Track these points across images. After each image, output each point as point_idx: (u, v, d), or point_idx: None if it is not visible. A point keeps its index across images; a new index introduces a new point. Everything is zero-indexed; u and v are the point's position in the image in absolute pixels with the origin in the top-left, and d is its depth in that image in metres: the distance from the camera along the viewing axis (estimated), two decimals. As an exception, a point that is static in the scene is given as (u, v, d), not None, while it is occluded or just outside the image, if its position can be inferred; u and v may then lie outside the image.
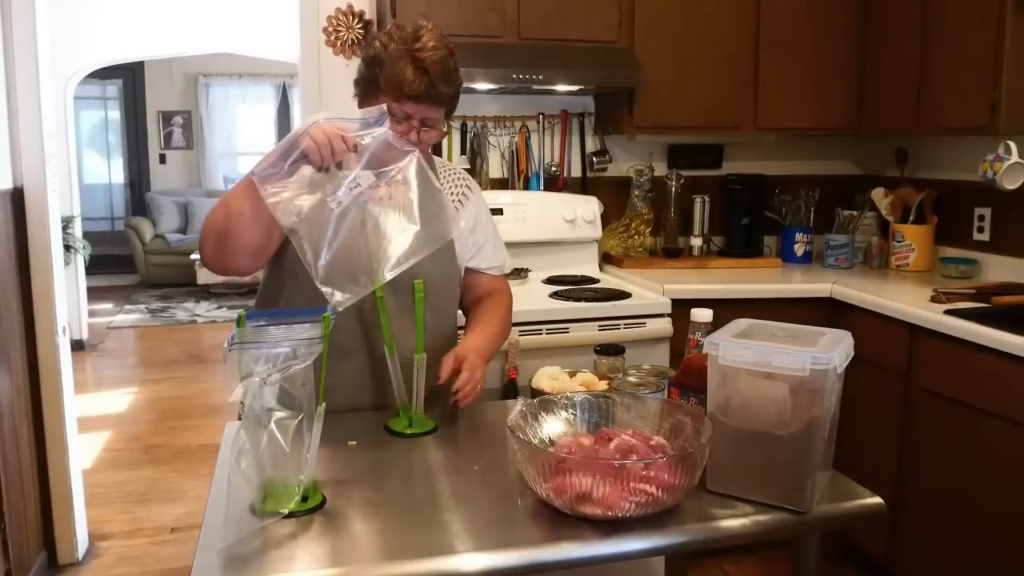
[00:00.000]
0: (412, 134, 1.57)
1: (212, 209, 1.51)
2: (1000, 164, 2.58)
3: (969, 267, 2.92)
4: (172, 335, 6.75)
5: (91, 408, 4.73)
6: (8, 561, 2.50)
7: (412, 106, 1.55)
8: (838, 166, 3.60)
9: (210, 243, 1.49)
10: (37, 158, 2.70)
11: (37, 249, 2.73)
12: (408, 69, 1.53)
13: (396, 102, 1.55)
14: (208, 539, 1.09)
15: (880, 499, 1.26)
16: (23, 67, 2.65)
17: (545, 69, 2.80)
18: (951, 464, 2.32)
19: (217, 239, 1.47)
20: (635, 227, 3.20)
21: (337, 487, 1.26)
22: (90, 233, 7.10)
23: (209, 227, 1.48)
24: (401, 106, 1.55)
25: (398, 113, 1.55)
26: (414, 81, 1.53)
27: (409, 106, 1.55)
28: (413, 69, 1.53)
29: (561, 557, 1.09)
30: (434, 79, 1.53)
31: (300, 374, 1.13)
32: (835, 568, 2.79)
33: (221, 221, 1.46)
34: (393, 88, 1.54)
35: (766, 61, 3.09)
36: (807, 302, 2.81)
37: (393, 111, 1.55)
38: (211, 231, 1.48)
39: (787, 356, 1.15)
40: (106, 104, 9.62)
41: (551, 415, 1.31)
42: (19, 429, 2.65)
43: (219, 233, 1.47)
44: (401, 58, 1.54)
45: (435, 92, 1.54)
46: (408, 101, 1.55)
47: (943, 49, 2.72)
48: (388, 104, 1.54)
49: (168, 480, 3.77)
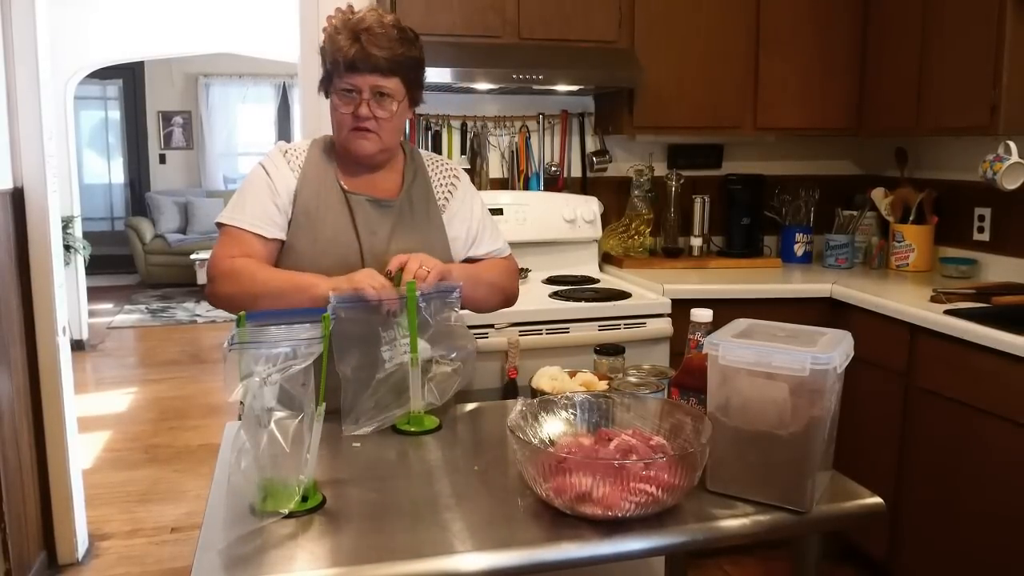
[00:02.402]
0: (363, 107, 1.57)
1: (233, 274, 1.56)
2: (1000, 164, 2.58)
3: (969, 267, 2.92)
4: (172, 335, 6.75)
5: (91, 408, 4.73)
6: (8, 561, 2.50)
7: (353, 77, 1.56)
8: (838, 166, 3.60)
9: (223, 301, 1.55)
10: (37, 158, 2.70)
11: (37, 249, 2.73)
12: (343, 39, 1.54)
13: (339, 77, 1.56)
14: (208, 539, 1.09)
15: (880, 499, 1.26)
16: (23, 67, 2.65)
17: (545, 69, 2.80)
18: (951, 464, 2.32)
19: (241, 302, 1.50)
20: (635, 227, 3.20)
21: (337, 487, 1.26)
22: (90, 233, 7.09)
23: (232, 295, 1.53)
24: (343, 80, 1.56)
25: (345, 87, 1.57)
26: (348, 48, 1.53)
27: (351, 77, 1.56)
28: (347, 38, 1.54)
29: (561, 557, 1.09)
30: (366, 43, 1.53)
31: (300, 374, 1.13)
32: (835, 568, 2.79)
33: (248, 304, 1.48)
34: (334, 64, 1.57)
35: (766, 61, 3.09)
36: (807, 302, 2.81)
37: (340, 88, 1.57)
38: (233, 300, 1.52)
39: (787, 356, 1.15)
40: (106, 104, 9.62)
41: (551, 415, 1.31)
42: (19, 429, 2.65)
43: (244, 303, 1.50)
44: (338, 33, 1.56)
45: (369, 56, 1.54)
46: (347, 72, 1.55)
47: (943, 49, 2.72)
48: (336, 83, 1.57)
49: (168, 480, 3.77)
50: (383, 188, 1.69)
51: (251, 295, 1.51)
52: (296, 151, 1.68)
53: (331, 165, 1.67)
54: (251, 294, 1.51)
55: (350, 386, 1.44)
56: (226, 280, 1.56)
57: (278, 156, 1.67)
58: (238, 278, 1.55)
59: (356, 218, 1.64)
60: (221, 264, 1.58)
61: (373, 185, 1.68)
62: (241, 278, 1.54)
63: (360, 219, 1.64)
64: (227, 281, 1.55)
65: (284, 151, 1.68)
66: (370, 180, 1.68)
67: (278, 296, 1.50)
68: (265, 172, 1.65)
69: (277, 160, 1.66)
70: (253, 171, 1.67)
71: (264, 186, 1.63)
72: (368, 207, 1.65)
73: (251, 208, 1.62)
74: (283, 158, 1.66)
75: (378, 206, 1.66)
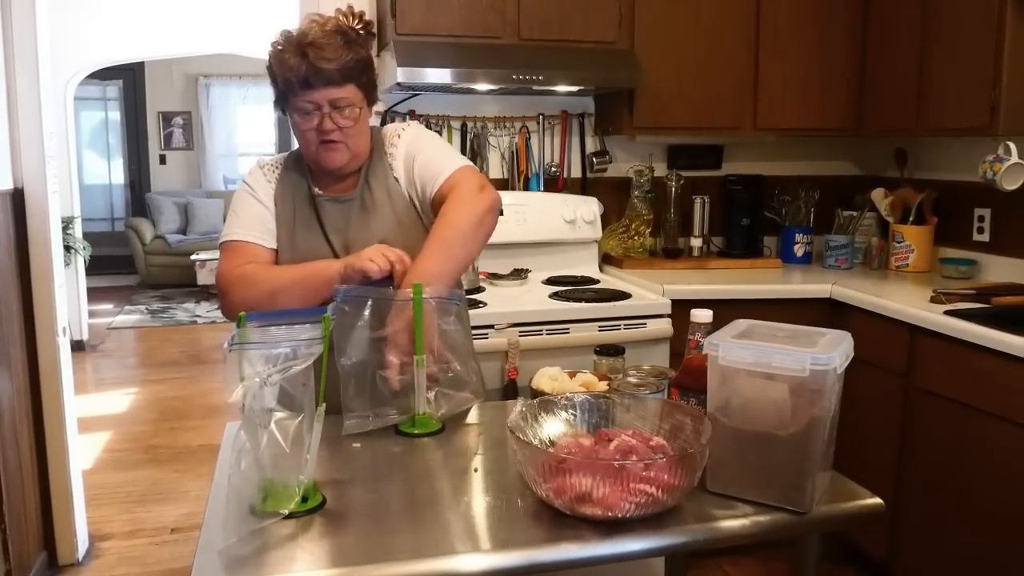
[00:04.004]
0: (326, 121, 1.57)
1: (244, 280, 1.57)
2: (1000, 165, 2.58)
3: (969, 268, 2.92)
4: (172, 336, 6.75)
5: (91, 408, 4.73)
6: (8, 561, 2.50)
7: (309, 93, 1.55)
8: (838, 166, 3.60)
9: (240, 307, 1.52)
10: (37, 159, 2.70)
11: (37, 250, 2.73)
12: (291, 58, 1.54)
13: (295, 96, 1.56)
14: (208, 539, 1.09)
15: (880, 499, 1.26)
16: (23, 68, 2.65)
17: (545, 70, 2.80)
18: (951, 464, 2.32)
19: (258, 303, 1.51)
20: (635, 228, 3.20)
21: (337, 487, 1.26)
22: (90, 234, 7.10)
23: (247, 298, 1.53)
24: (299, 99, 1.56)
25: (304, 107, 1.56)
26: (298, 67, 1.53)
27: (306, 94, 1.55)
28: (295, 56, 1.54)
29: (561, 557, 1.09)
30: (314, 59, 1.53)
31: (300, 374, 1.13)
32: (835, 568, 2.79)
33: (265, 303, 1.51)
34: (286, 84, 1.56)
35: (766, 61, 3.09)
36: (807, 302, 2.81)
37: (299, 107, 1.57)
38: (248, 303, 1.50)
39: (787, 357, 1.15)
40: (106, 105, 9.63)
41: (551, 415, 1.31)
42: (19, 429, 2.65)
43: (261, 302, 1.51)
44: (284, 51, 1.56)
45: (320, 72, 1.53)
46: (302, 90, 1.55)
47: (943, 50, 2.72)
48: (293, 103, 1.56)
49: (168, 480, 3.77)
50: (348, 185, 1.71)
51: (267, 293, 1.53)
52: (272, 165, 1.73)
53: (303, 174, 1.71)
54: (267, 292, 1.53)
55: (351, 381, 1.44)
56: (239, 286, 1.57)
57: (257, 172, 1.72)
58: (252, 281, 1.57)
59: (323, 219, 1.67)
60: (230, 274, 1.59)
61: (347, 187, 1.70)
62: (255, 280, 1.57)
63: (326, 219, 1.67)
64: (240, 287, 1.57)
65: (261, 166, 1.73)
66: (340, 182, 1.71)
67: (293, 286, 1.52)
68: (249, 188, 1.70)
69: (256, 176, 1.71)
70: (239, 190, 1.72)
71: (252, 201, 1.68)
72: (330, 206, 1.68)
73: (246, 222, 1.66)
74: (261, 173, 1.72)
75: (338, 203, 1.68)
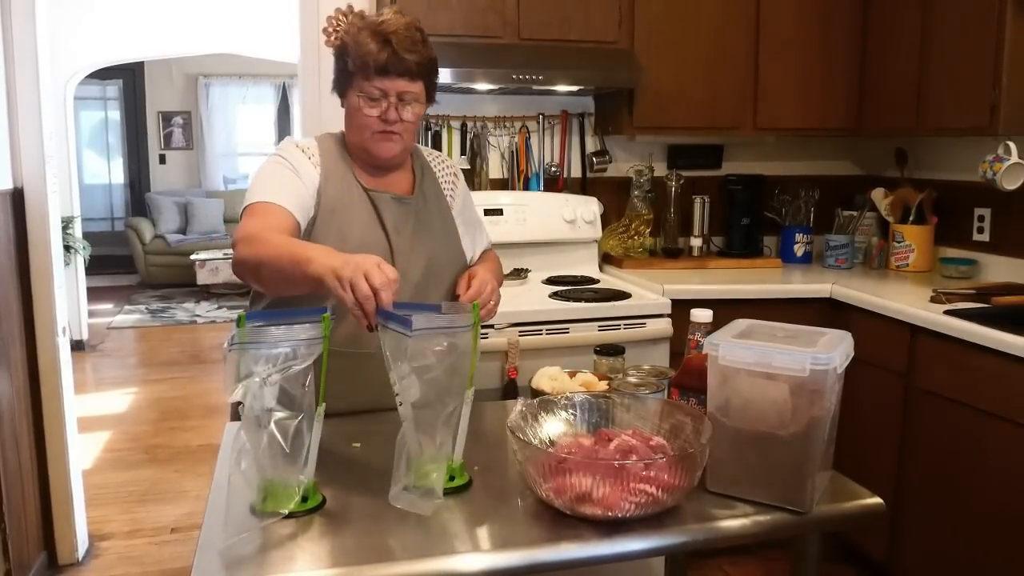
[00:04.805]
0: (391, 111, 1.57)
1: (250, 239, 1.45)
2: (1000, 165, 2.58)
3: (969, 267, 2.92)
4: (172, 335, 6.75)
5: (91, 408, 4.73)
6: (8, 561, 2.50)
7: (383, 81, 1.55)
8: (838, 166, 3.60)
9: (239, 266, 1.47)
10: (37, 158, 2.70)
11: (37, 250, 2.72)
12: (371, 42, 1.53)
13: (367, 80, 1.55)
14: (208, 539, 1.09)
15: (880, 499, 1.26)
16: (23, 68, 2.65)
17: (545, 69, 2.80)
18: (951, 464, 2.31)
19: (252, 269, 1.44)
20: (635, 227, 3.19)
21: (337, 487, 1.26)
22: (90, 233, 7.09)
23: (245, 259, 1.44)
24: (371, 83, 1.55)
25: (372, 92, 1.56)
26: (379, 52, 1.53)
27: (380, 81, 1.55)
28: (376, 42, 1.53)
29: (561, 557, 1.09)
30: (397, 48, 1.53)
31: (300, 374, 1.13)
32: (835, 568, 2.79)
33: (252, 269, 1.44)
34: (361, 67, 1.55)
35: (766, 61, 3.09)
36: (807, 302, 2.81)
37: (367, 91, 1.56)
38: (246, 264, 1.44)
39: (787, 356, 1.15)
40: (106, 104, 9.62)
41: (551, 415, 1.31)
42: (19, 429, 2.64)
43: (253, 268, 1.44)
44: (364, 34, 1.55)
45: (401, 61, 1.53)
46: (377, 76, 1.54)
47: (943, 49, 2.72)
48: (361, 85, 1.56)
49: (168, 480, 3.77)
50: (399, 186, 1.69)
51: (256, 259, 1.42)
52: (310, 148, 1.64)
53: (347, 163, 1.66)
54: (257, 258, 1.41)
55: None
56: (244, 244, 1.45)
57: (295, 150, 1.62)
58: (255, 242, 1.45)
59: (383, 216, 1.63)
60: (243, 230, 1.49)
61: (390, 183, 1.68)
62: (256, 242, 1.44)
63: (387, 217, 1.63)
64: (245, 245, 1.45)
65: (298, 146, 1.64)
66: (387, 178, 1.68)
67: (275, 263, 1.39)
68: (288, 163, 1.59)
69: (295, 154, 1.62)
70: (273, 163, 1.61)
71: (291, 175, 1.58)
72: (392, 204, 1.64)
73: (280, 189, 1.55)
74: (300, 151, 1.62)
75: (400, 203, 1.66)
